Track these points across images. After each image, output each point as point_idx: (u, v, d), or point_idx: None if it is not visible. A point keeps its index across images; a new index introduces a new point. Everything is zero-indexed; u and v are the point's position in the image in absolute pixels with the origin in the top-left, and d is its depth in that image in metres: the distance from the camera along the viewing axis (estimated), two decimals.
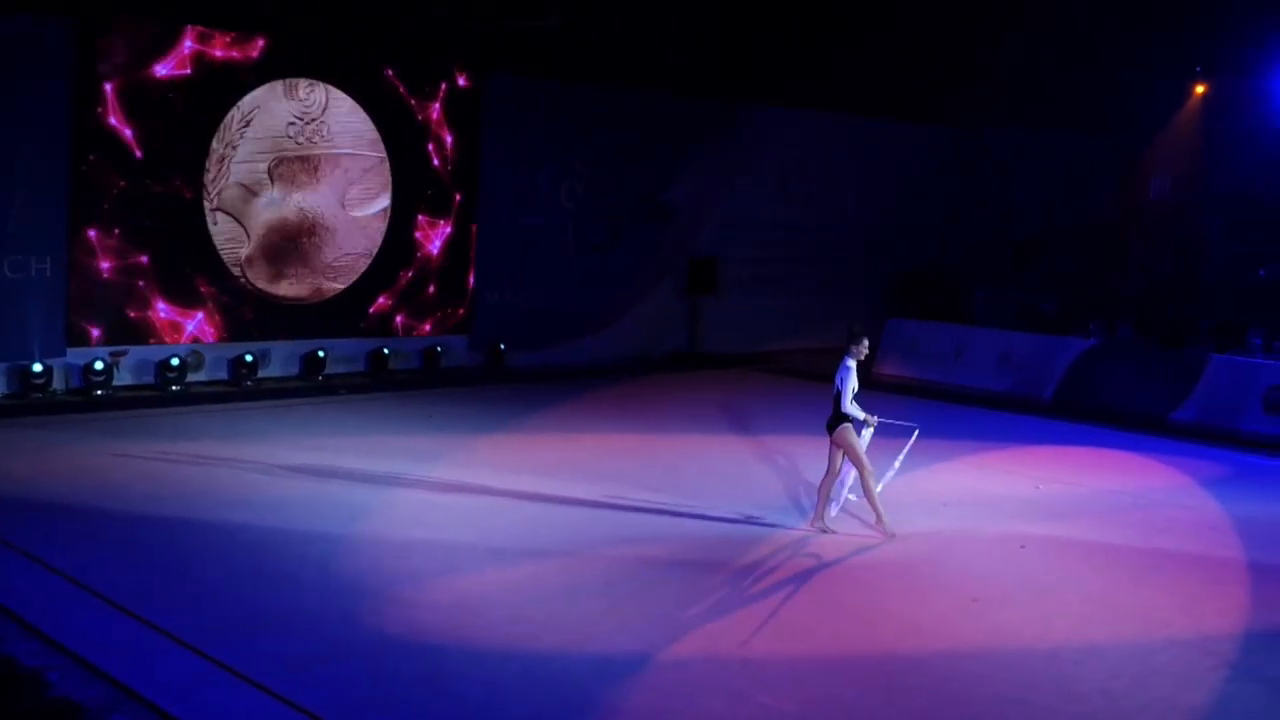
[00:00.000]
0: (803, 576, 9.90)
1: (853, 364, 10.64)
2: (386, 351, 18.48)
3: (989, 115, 24.58)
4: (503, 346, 19.65)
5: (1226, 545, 11.50)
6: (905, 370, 21.43)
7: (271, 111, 17.10)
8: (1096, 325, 20.71)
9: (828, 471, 11.04)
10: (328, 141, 17.67)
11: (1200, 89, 25.58)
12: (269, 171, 17.17)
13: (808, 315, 24.07)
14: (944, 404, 18.87)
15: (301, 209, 17.55)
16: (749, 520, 11.51)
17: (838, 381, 10.61)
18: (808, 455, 14.42)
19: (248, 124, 16.85)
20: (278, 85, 17.12)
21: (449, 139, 18.99)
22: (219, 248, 16.84)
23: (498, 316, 19.73)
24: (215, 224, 16.77)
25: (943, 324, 22.14)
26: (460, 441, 14.32)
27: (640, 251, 21.40)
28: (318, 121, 17.52)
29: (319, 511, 11.04)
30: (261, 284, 17.28)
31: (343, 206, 17.98)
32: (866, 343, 11.01)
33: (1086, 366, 19.68)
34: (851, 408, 10.56)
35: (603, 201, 20.86)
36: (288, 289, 17.60)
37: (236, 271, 17.02)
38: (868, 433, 10.83)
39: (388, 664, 7.68)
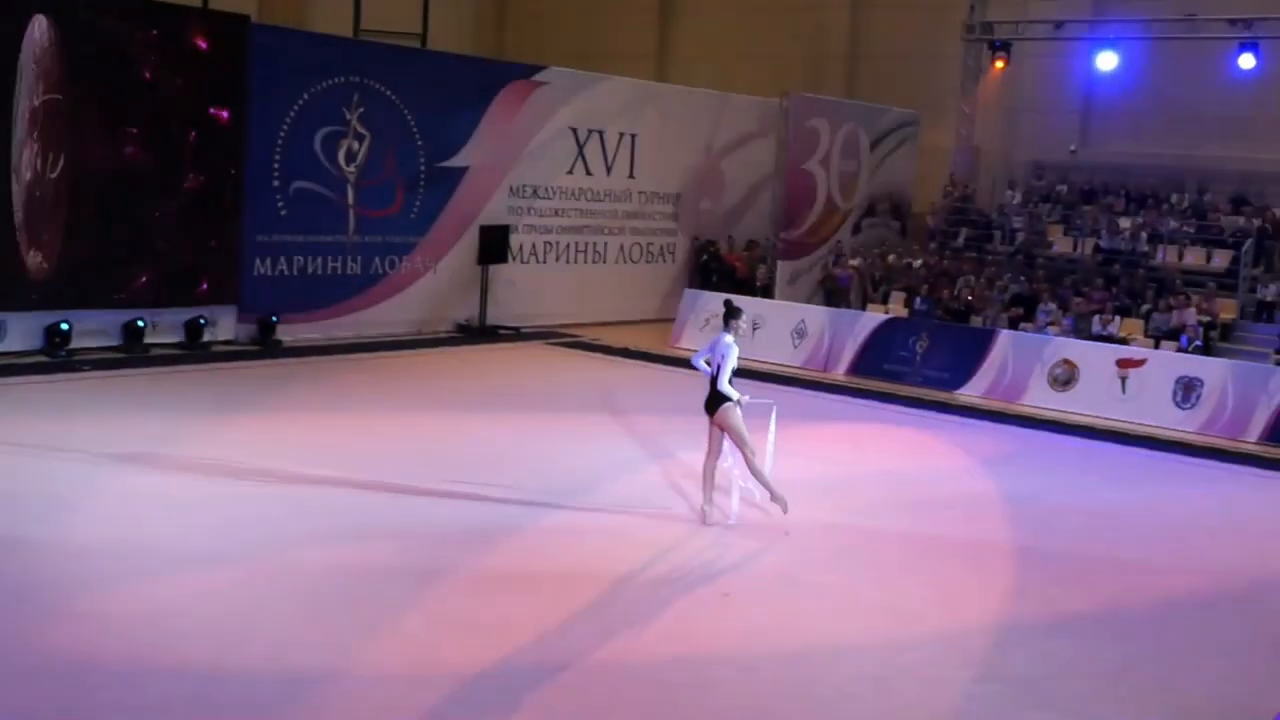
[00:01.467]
0: (540, 578, 9.07)
1: (731, 339, 10.20)
2: (141, 324, 17.03)
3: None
4: (275, 319, 18.36)
5: (997, 528, 11.17)
6: (701, 343, 20.82)
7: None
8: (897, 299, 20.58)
9: (709, 454, 10.42)
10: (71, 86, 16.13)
11: (1000, 64, 25.66)
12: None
13: (610, 287, 23.41)
14: (739, 380, 18.29)
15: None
16: (505, 502, 10.72)
17: (718, 359, 10.11)
18: (587, 435, 13.74)
19: None
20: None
21: (215, 95, 17.58)
22: None
23: (269, 286, 18.43)
24: None
25: (739, 297, 21.63)
26: (205, 423, 13.09)
27: (427, 218, 20.31)
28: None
29: (10, 505, 9.78)
30: None
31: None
32: (745, 317, 10.65)
33: (881, 340, 19.43)
34: (727, 387, 10.04)
35: (385, 164, 19.68)
36: (31, 255, 16.03)
37: None
38: (737, 412, 10.24)
39: (19, 692, 6.59)
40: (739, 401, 10.17)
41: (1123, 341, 19.38)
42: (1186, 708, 7.36)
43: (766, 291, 23.35)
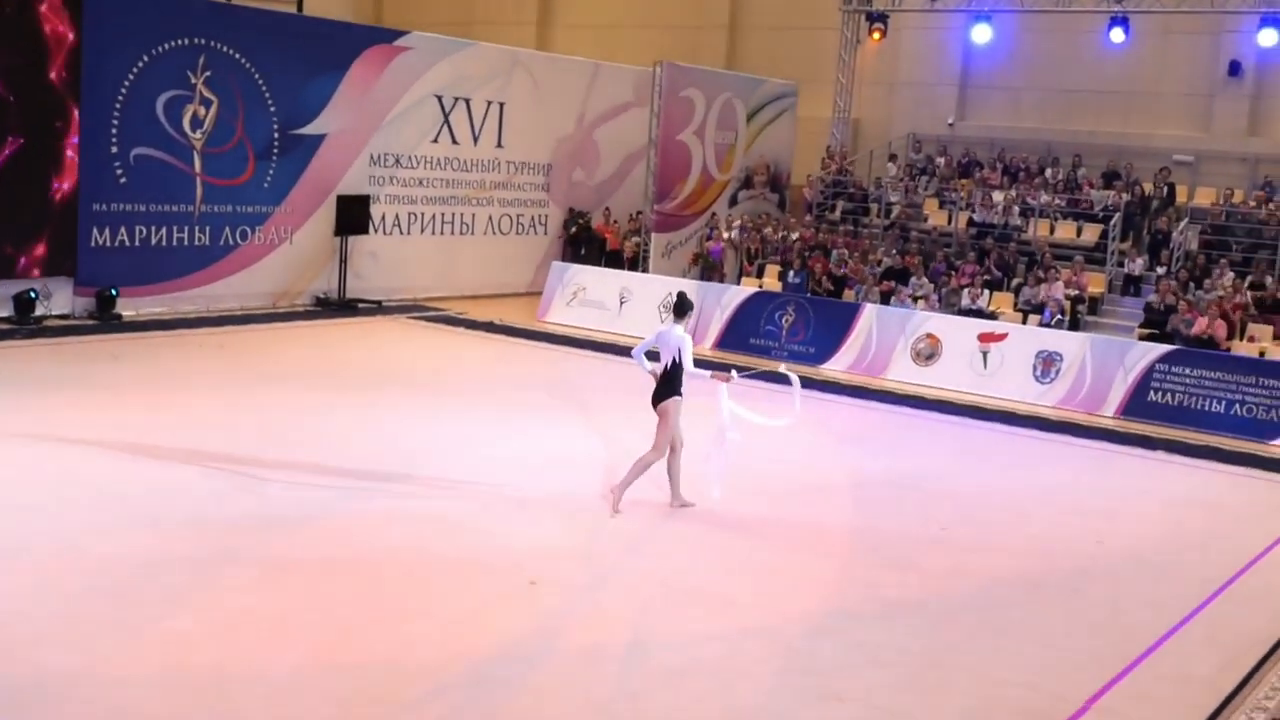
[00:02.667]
0: (338, 567, 8.52)
1: (682, 331, 9.97)
2: None
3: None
4: (115, 291, 17.48)
5: (838, 509, 10.87)
6: (571, 318, 20.41)
7: None
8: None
9: (672, 450, 10.07)
10: None
11: (876, 36, 25.46)
12: None
13: (478, 259, 22.82)
14: (605, 354, 17.90)
15: None
16: (325, 487, 10.15)
17: (672, 351, 9.87)
18: (435, 414, 13.17)
19: None
20: None
21: (43, 55, 16.62)
22: None
23: (108, 257, 17.54)
24: None
25: (607, 270, 21.24)
26: (21, 402, 12.29)
27: (281, 187, 19.51)
28: None
29: None
30: None
31: None
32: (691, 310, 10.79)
33: (748, 314, 19.10)
34: (696, 370, 10.00)
35: (235, 131, 18.83)
36: None
37: None
38: (725, 389, 10.17)
39: None
40: (722, 376, 10.12)
41: (991, 316, 19.28)
42: (994, 698, 7.06)
43: (636, 265, 22.90)
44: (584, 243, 23.03)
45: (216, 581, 7.98)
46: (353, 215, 19.98)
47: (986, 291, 20.29)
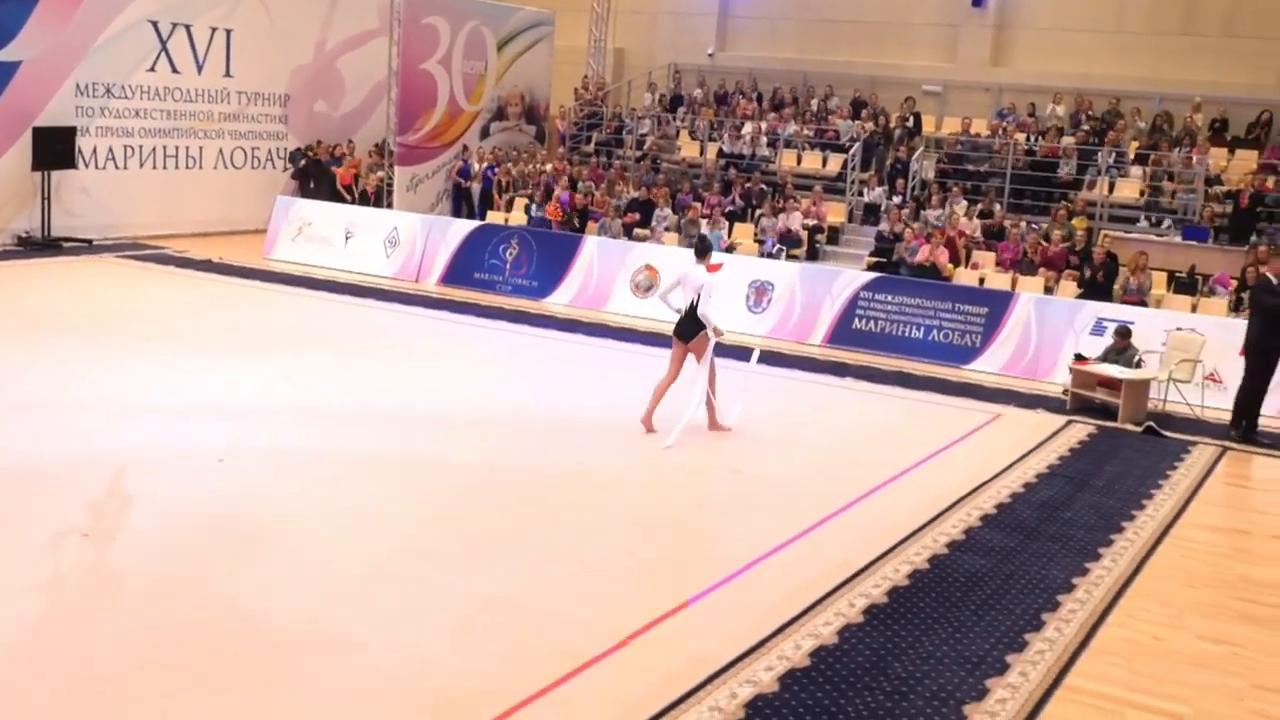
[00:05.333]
0: None
1: (704, 270, 10.65)
2: None
3: None
4: None
5: (458, 442, 10.45)
6: (296, 255, 19.61)
7: None
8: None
9: (667, 375, 10.89)
10: None
11: None
12: None
13: (208, 195, 21.77)
14: (326, 292, 17.19)
15: None
16: None
17: (693, 289, 10.59)
18: (114, 362, 12.32)
19: None
20: None
21: None
22: None
23: None
24: None
25: (332, 204, 20.46)
26: None
27: None
28: None
29: None
30: None
31: None
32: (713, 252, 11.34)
33: (473, 249, 18.58)
34: (711, 313, 10.61)
35: None
36: None
37: None
38: (711, 341, 10.68)
39: None
40: (718, 333, 10.69)
41: (730, 248, 19.12)
42: (533, 628, 6.75)
43: (379, 199, 22.15)
44: (313, 176, 22.12)
45: None
46: (54, 149, 18.76)
47: (725, 222, 20.14)
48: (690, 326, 10.68)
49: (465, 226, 18.95)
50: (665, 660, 6.52)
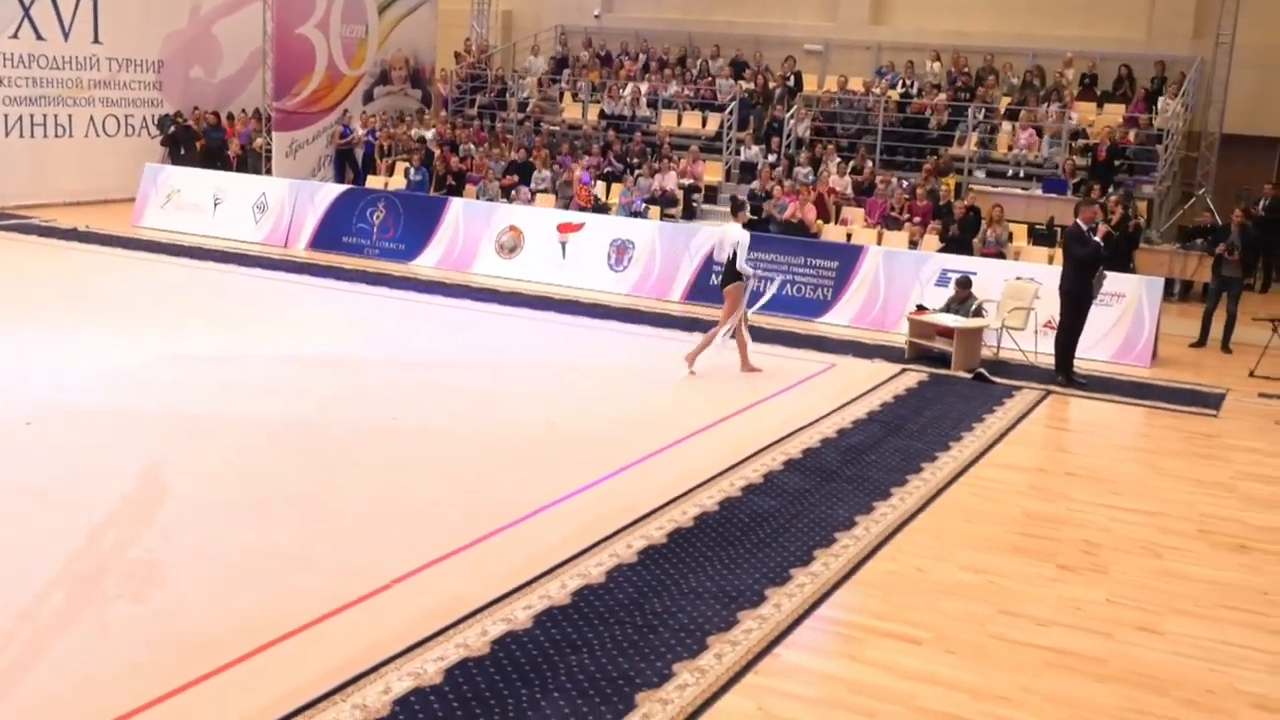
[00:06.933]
0: None
1: (739, 227, 11.88)
2: None
3: None
4: None
5: (289, 402, 10.49)
6: (165, 222, 19.46)
7: None
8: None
9: (723, 322, 12.02)
10: None
11: None
12: None
13: (78, 163, 21.50)
14: (194, 260, 17.08)
15: None
16: None
17: (730, 245, 11.75)
18: None
19: None
20: None
21: None
22: None
23: None
24: None
25: (201, 170, 20.30)
26: None
27: None
28: None
29: None
30: None
31: None
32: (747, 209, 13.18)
33: (340, 212, 18.54)
34: (744, 265, 11.80)
35: None
36: None
37: None
38: (741, 290, 11.88)
39: None
40: (755, 276, 12.33)
41: (604, 207, 19.24)
42: (281, 593, 6.86)
43: (254, 165, 21.98)
44: (182, 143, 21.90)
45: None
46: None
47: (602, 183, 20.24)
48: (728, 277, 11.89)
49: (333, 191, 18.89)
50: (427, 602, 6.64)
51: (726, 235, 11.94)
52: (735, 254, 11.77)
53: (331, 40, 23.19)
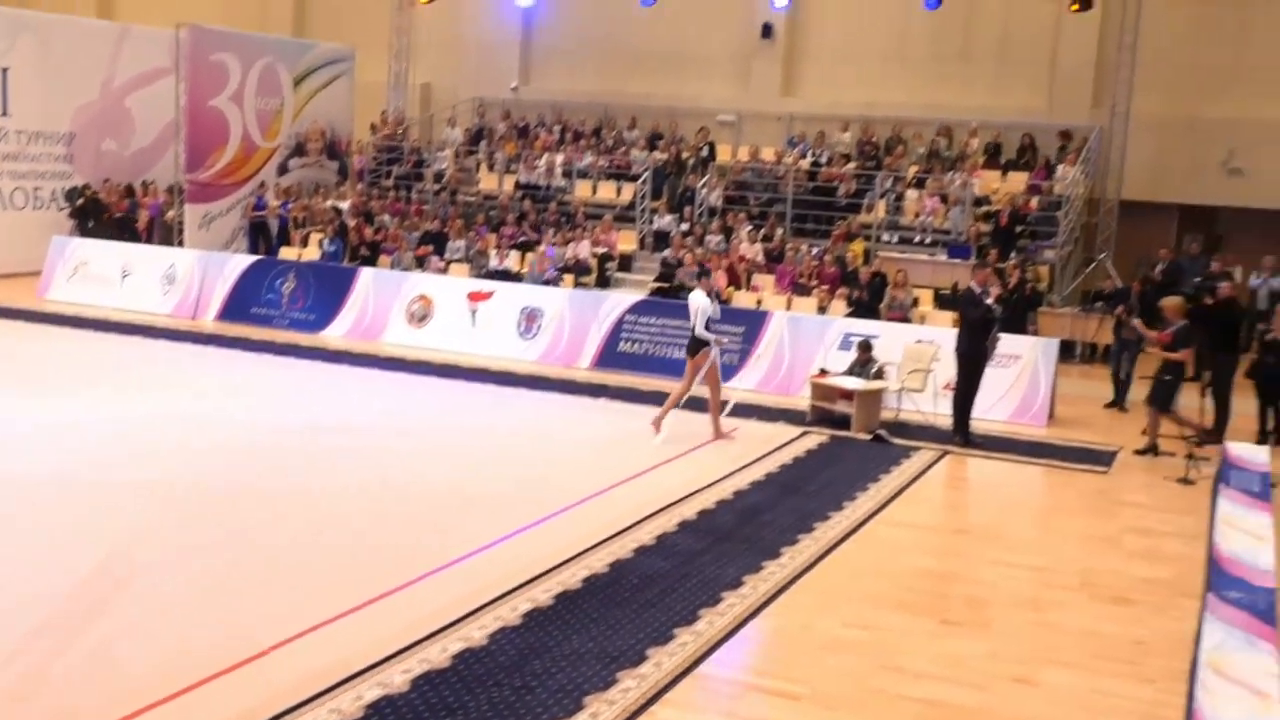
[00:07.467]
0: None
1: (702, 295, 12.21)
2: None
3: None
4: None
5: (191, 464, 10.39)
6: (73, 294, 19.25)
7: None
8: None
9: (683, 384, 12.38)
10: None
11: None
12: None
13: None
14: (97, 330, 16.90)
15: None
16: None
17: (698, 312, 12.08)
18: None
19: None
20: None
21: None
22: None
23: None
24: None
25: (109, 242, 20.16)
26: None
27: None
28: None
29: None
30: None
31: None
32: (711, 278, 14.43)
33: (250, 283, 18.46)
34: (704, 332, 12.06)
35: None
36: None
37: None
38: (715, 352, 12.25)
39: None
40: (718, 342, 12.43)
41: (516, 276, 19.30)
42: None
43: (166, 237, 21.85)
44: (91, 215, 21.74)
45: None
46: None
47: (512, 252, 20.35)
48: (693, 345, 12.24)
49: (243, 262, 18.82)
50: (305, 667, 6.56)
51: (691, 303, 12.29)
52: (696, 321, 12.11)
53: (246, 113, 23.19)
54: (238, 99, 22.98)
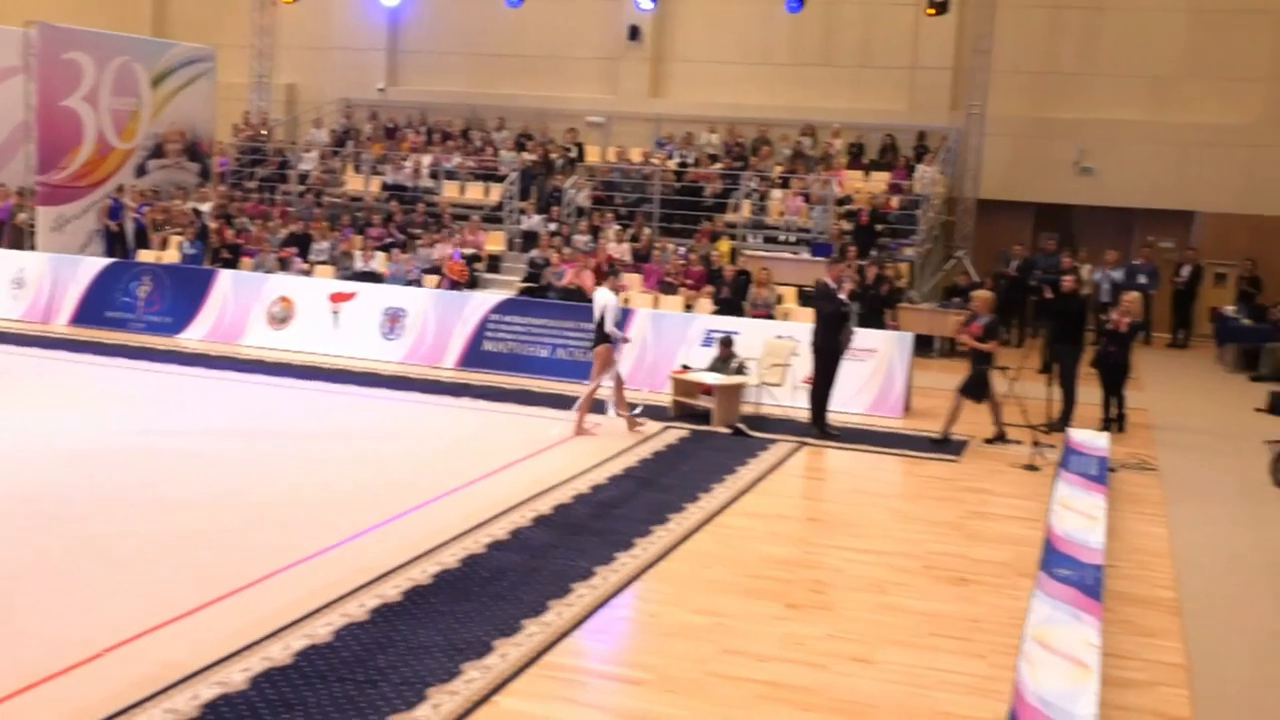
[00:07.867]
0: None
1: (609, 292, 12.63)
2: None
3: None
4: None
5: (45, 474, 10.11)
6: None
7: None
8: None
9: (593, 380, 12.73)
10: None
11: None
12: None
13: None
14: None
15: None
16: None
17: (605, 309, 12.41)
18: None
19: None
20: None
21: None
22: None
23: None
24: None
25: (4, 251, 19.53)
26: None
27: None
28: None
29: None
30: None
31: None
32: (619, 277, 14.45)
33: (104, 286, 18.01)
34: (612, 329, 12.43)
35: None
36: None
37: None
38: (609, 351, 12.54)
39: None
40: (627, 339, 13.34)
41: (378, 277, 19.11)
42: None
43: (18, 240, 21.19)
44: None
45: None
46: None
47: (377, 253, 20.16)
48: (597, 338, 12.57)
49: (96, 265, 18.36)
50: (139, 669, 6.45)
51: (598, 300, 12.59)
52: (604, 317, 12.39)
53: (101, 113, 22.62)
54: (92, 99, 22.41)
